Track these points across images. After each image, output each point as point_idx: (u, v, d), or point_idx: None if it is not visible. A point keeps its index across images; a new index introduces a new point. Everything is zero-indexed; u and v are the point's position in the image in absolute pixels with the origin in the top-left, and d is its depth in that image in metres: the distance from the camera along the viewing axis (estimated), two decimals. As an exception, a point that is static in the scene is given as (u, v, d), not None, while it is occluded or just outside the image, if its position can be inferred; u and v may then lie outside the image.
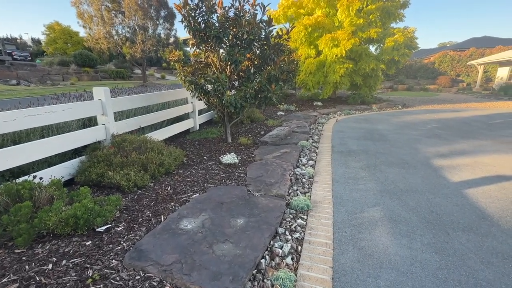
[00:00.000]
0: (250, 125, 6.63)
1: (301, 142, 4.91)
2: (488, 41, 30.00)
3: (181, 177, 3.38)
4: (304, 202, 2.74)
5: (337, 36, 9.24)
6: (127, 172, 3.09)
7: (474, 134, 5.99)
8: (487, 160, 4.12)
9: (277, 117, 7.88)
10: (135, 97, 4.45)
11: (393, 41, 9.42)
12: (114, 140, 3.62)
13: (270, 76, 4.34)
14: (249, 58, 4.75)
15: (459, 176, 3.53)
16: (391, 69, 10.97)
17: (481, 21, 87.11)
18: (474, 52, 26.30)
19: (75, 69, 26.69)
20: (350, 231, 2.35)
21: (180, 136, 5.62)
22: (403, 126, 6.96)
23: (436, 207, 2.73)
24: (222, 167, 3.71)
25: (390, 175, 3.60)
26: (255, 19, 3.94)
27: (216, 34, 3.83)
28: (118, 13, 22.03)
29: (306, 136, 5.49)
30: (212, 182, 3.22)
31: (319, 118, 8.18)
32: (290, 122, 6.79)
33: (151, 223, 2.32)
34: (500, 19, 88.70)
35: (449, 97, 16.56)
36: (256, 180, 3.25)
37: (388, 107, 10.40)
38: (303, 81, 10.42)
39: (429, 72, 27.96)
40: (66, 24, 33.99)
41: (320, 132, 6.33)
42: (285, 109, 9.18)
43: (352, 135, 6.05)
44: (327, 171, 3.82)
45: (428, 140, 5.50)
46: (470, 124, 7.10)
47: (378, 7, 9.58)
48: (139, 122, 4.49)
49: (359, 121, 7.86)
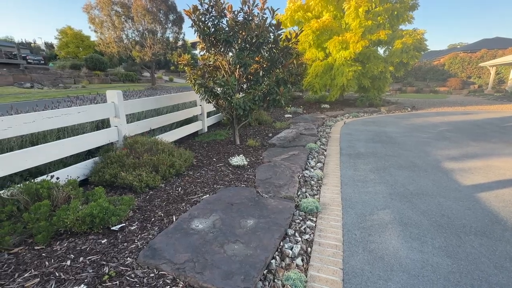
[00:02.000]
0: (258, 127, 6.67)
1: (309, 145, 4.92)
2: (500, 42, 29.32)
3: (191, 178, 3.44)
4: (313, 204, 2.75)
5: (346, 38, 9.22)
6: (139, 173, 3.16)
7: (486, 137, 5.88)
8: (500, 164, 4.05)
9: (284, 119, 7.90)
10: (146, 100, 4.56)
11: (402, 43, 9.34)
12: (126, 142, 3.72)
13: (279, 79, 4.38)
14: (258, 61, 4.81)
15: (471, 179, 3.48)
16: (400, 71, 10.87)
17: (493, 22, 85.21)
18: (485, 54, 25.74)
19: (86, 72, 27.37)
20: (360, 233, 2.35)
21: (189, 138, 5.70)
22: (412, 129, 6.88)
23: (447, 211, 2.70)
24: (231, 169, 3.75)
25: (400, 178, 3.57)
26: (264, 23, 4.00)
27: (225, 38, 3.90)
28: (128, 18, 22.54)
29: (314, 139, 5.50)
30: (221, 183, 3.26)
31: (327, 120, 8.16)
32: (298, 124, 6.81)
33: (163, 222, 2.38)
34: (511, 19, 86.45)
35: (460, 99, 16.24)
36: (265, 182, 3.28)
37: (396, 110, 10.29)
38: (310, 83, 10.42)
39: (438, 74, 27.49)
40: (78, 29, 34.92)
41: (328, 134, 6.32)
42: (292, 111, 9.20)
43: (361, 137, 6.02)
44: (336, 173, 3.82)
45: (438, 143, 5.42)
46: (482, 127, 6.97)
47: (387, 9, 9.53)
48: (149, 124, 4.59)
49: (367, 123, 7.81)
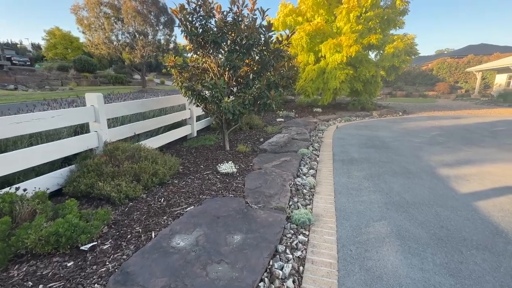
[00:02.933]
0: (249, 132, 6.48)
1: (301, 150, 4.76)
2: (485, 48, 30.22)
3: (175, 187, 3.21)
4: (305, 216, 2.57)
5: (340, 42, 9.18)
6: (118, 182, 2.92)
7: (477, 141, 5.86)
8: (494, 170, 3.98)
9: (276, 123, 7.75)
10: (130, 103, 4.31)
11: (393, 48, 9.38)
12: (106, 148, 3.46)
13: (270, 82, 4.22)
14: (248, 64, 4.65)
15: (467, 187, 3.38)
16: (391, 75, 10.92)
17: (477, 29, 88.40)
18: (472, 59, 26.44)
19: (74, 74, 26.63)
20: (356, 249, 2.18)
21: (177, 143, 5.46)
22: (404, 133, 6.83)
23: (446, 222, 2.56)
24: (219, 177, 3.54)
25: (395, 186, 3.44)
26: (254, 24, 3.84)
27: (213, 39, 3.72)
28: (117, 20, 22.13)
29: (306, 144, 5.35)
30: (208, 193, 3.05)
31: (319, 124, 8.05)
32: (290, 129, 6.66)
33: (140, 240, 2.15)
34: (496, 27, 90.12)
35: (449, 103, 16.52)
36: (255, 191, 3.09)
37: (388, 114, 10.31)
38: (303, 87, 10.33)
39: (427, 78, 28.04)
40: (67, 30, 34.08)
41: (321, 139, 6.19)
42: (284, 115, 9.06)
43: (353, 142, 5.91)
44: (329, 181, 3.66)
45: (431, 148, 5.36)
46: (472, 131, 6.98)
47: (377, 14, 9.57)
48: (134, 129, 4.35)
49: (359, 128, 7.73)
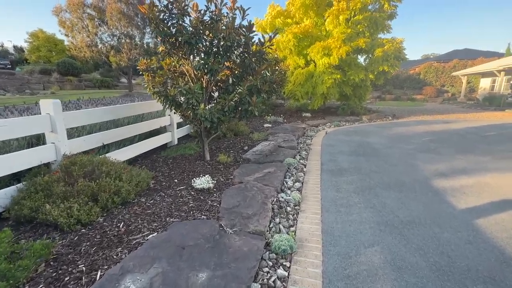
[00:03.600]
0: (233, 139, 6.11)
1: (287, 160, 4.42)
2: (469, 53, 31.02)
3: (141, 208, 2.80)
4: (287, 242, 2.21)
5: (328, 44, 8.98)
6: (70, 205, 2.49)
7: (470, 148, 5.68)
8: (491, 181, 3.74)
9: (263, 129, 7.41)
10: (95, 110, 3.88)
11: (382, 52, 9.24)
12: (62, 163, 3.02)
13: (251, 87, 3.88)
14: (229, 68, 4.30)
15: (465, 201, 3.10)
16: (380, 79, 10.79)
17: (461, 34, 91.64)
18: (457, 64, 27.03)
19: (58, 78, 25.63)
20: (345, 285, 1.83)
21: (155, 152, 5.04)
22: (395, 139, 6.61)
23: (446, 246, 2.25)
24: (193, 193, 3.15)
25: (388, 201, 3.13)
26: (233, 24, 3.49)
27: (187, 40, 3.35)
28: (102, 22, 21.50)
29: (293, 152, 5.01)
30: (177, 215, 2.65)
31: (308, 130, 7.76)
32: (277, 135, 6.33)
33: (80, 283, 1.73)
34: (478, 32, 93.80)
35: (436, 107, 16.64)
36: (231, 211, 2.71)
37: (378, 118, 10.15)
38: (292, 91, 10.07)
39: (415, 82, 28.47)
40: (51, 32, 32.97)
41: (309, 146, 5.88)
42: (272, 120, 8.75)
43: (343, 149, 5.62)
44: (316, 195, 3.32)
45: (424, 155, 5.13)
46: (464, 137, 6.83)
47: (366, 17, 9.45)
48: (102, 139, 3.91)
49: (349, 133, 7.49)
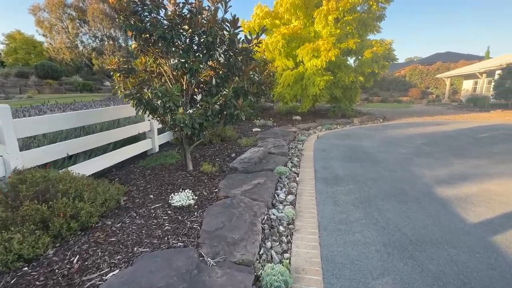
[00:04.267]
0: (220, 145, 5.68)
1: (278, 168, 4.03)
2: (451, 56, 31.94)
3: (104, 234, 2.33)
4: (280, 277, 1.81)
5: (317, 46, 8.73)
6: (10, 236, 1.99)
7: (465, 151, 5.49)
8: (497, 188, 3.49)
9: (252, 134, 7.02)
10: (58, 117, 3.36)
11: (372, 53, 9.09)
12: (8, 181, 2.50)
13: (237, 89, 3.48)
14: (213, 67, 3.89)
15: (475, 213, 2.81)
16: (370, 81, 10.66)
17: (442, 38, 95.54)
18: (440, 66, 27.74)
19: (36, 81, 24.29)
20: (355, 337, 1.45)
21: (133, 161, 4.55)
22: (389, 143, 6.38)
23: (466, 273, 1.92)
24: (170, 213, 2.70)
25: (391, 215, 2.80)
26: (215, 17, 3.09)
27: (161, 35, 2.92)
28: (83, 22, 20.63)
29: (284, 159, 4.64)
30: (147, 242, 2.20)
31: (299, 134, 7.43)
32: (266, 140, 5.94)
33: None
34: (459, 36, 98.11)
35: (423, 108, 16.80)
36: (214, 235, 2.29)
37: (369, 121, 9.98)
38: (281, 94, 9.75)
39: (401, 84, 28.98)
40: (30, 34, 31.44)
41: (301, 152, 5.53)
42: (261, 124, 8.37)
43: (336, 154, 5.31)
44: (311, 210, 2.94)
45: (420, 160, 4.88)
46: (457, 139, 6.69)
47: (355, 18, 9.29)
48: (66, 149, 3.40)
49: (341, 137, 7.21)
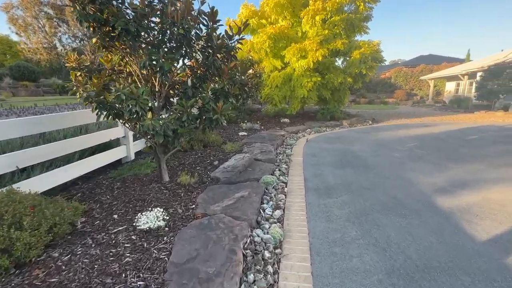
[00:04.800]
0: (202, 151, 5.24)
1: (264, 178, 3.65)
2: (434, 59, 32.76)
3: (45, 272, 1.86)
4: (264, 329, 1.42)
5: (304, 46, 8.46)
6: None
7: (459, 154, 5.31)
8: (498, 197, 3.25)
9: (238, 138, 6.62)
10: (4, 124, 2.84)
11: (360, 54, 8.92)
12: None
13: (216, 91, 3.09)
14: (190, 67, 3.48)
15: (482, 227, 2.53)
16: (358, 82, 10.53)
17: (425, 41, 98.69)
18: (424, 68, 28.42)
19: (10, 83, 22.94)
20: None
21: (105, 171, 4.06)
22: (380, 146, 6.14)
23: (488, 311, 1.60)
24: (134, 238, 2.26)
25: (391, 232, 2.47)
26: (188, 7, 2.68)
27: (124, 27, 2.48)
28: (62, 22, 19.63)
29: (271, 167, 4.27)
30: (98, 284, 1.75)
31: (287, 138, 7.10)
32: (253, 146, 5.56)
33: None
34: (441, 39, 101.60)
35: (410, 110, 16.95)
36: (184, 268, 1.87)
37: (358, 123, 9.81)
38: (269, 95, 9.41)
39: (386, 86, 29.46)
40: (5, 33, 29.78)
41: (289, 157, 5.18)
42: (248, 128, 7.98)
43: (327, 160, 4.99)
44: (302, 229, 2.58)
45: (414, 164, 4.64)
46: (447, 141, 6.55)
47: (343, 18, 9.10)
48: (15, 161, 2.89)
49: (331, 140, 6.93)
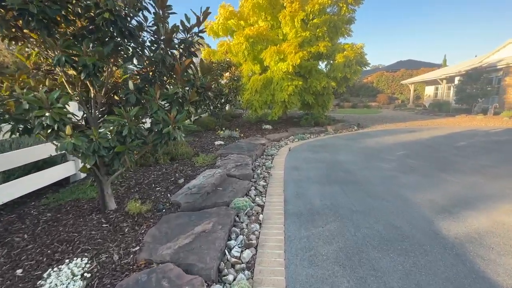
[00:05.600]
0: (168, 166, 4.50)
1: (236, 202, 2.99)
2: (412, 64, 33.72)
3: None
4: None
5: (283, 49, 7.96)
6: None
7: (452, 164, 4.90)
8: (509, 220, 2.77)
9: (213, 148, 5.92)
10: None
11: (344, 57, 8.53)
12: None
13: (168, 96, 2.41)
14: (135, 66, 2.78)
15: (505, 270, 1.99)
16: (342, 86, 10.17)
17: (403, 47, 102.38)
18: (404, 73, 29.09)
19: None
20: None
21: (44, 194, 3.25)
22: (368, 155, 5.66)
23: None
24: (27, 316, 1.52)
25: (394, 283, 1.88)
26: (119, -15, 2.01)
27: (22, 6, 1.75)
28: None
29: (246, 185, 3.61)
30: None
31: (268, 147, 6.49)
32: (228, 158, 4.89)
33: None
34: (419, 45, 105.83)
35: (393, 114, 16.94)
36: None
37: (343, 129, 9.40)
38: (249, 100, 8.80)
39: (369, 90, 29.87)
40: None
41: (269, 171, 4.55)
42: (226, 136, 7.30)
43: (311, 174, 4.41)
44: (278, 279, 1.92)
45: (407, 178, 4.15)
46: (437, 149, 6.19)
47: (325, 20, 8.71)
48: None
49: (316, 149, 6.39)
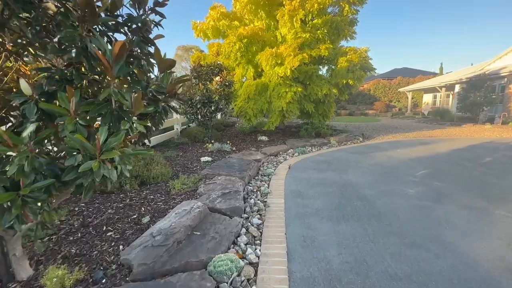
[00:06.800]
0: (136, 193, 3.48)
1: (215, 263, 1.99)
2: (408, 72, 33.56)
3: None
4: None
5: (280, 51, 7.11)
6: None
7: (490, 187, 3.98)
8: None
9: (198, 167, 4.91)
10: None
11: (348, 61, 7.72)
12: None
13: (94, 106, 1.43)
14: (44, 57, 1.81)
15: None
16: (344, 94, 9.35)
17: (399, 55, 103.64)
18: (401, 81, 28.77)
19: None
20: None
21: None
22: (384, 175, 4.73)
23: None
24: None
25: None
26: None
27: None
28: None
29: (235, 226, 2.61)
30: None
31: (264, 164, 5.52)
32: (214, 181, 3.90)
33: None
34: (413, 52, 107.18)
35: (393, 122, 16.22)
36: None
37: (348, 140, 8.50)
38: (241, 108, 7.87)
39: (366, 98, 29.43)
40: None
41: (265, 200, 3.57)
42: (216, 149, 6.32)
43: (319, 204, 3.45)
44: None
45: (445, 210, 3.21)
46: (463, 166, 5.29)
47: (326, 21, 7.93)
48: None
49: (321, 166, 5.44)
